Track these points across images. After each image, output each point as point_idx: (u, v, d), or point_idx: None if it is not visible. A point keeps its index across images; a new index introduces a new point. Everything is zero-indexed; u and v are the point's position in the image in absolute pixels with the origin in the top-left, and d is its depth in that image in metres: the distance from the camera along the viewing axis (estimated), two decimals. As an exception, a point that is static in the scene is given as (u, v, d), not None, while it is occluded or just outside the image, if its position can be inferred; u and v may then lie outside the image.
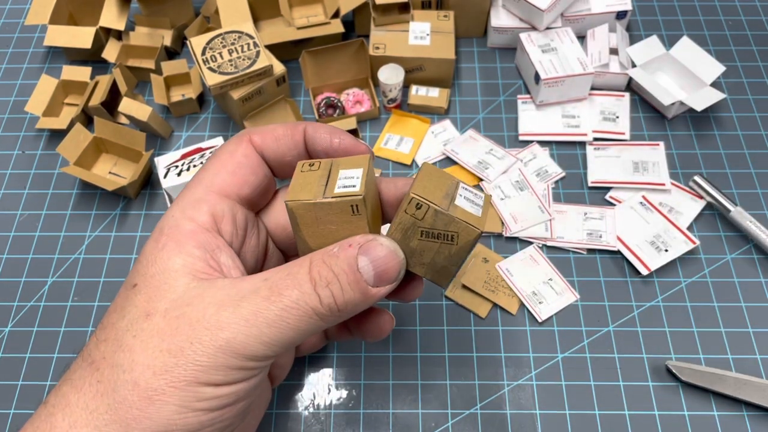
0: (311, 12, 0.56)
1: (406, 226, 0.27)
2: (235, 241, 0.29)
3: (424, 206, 0.26)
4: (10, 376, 0.41)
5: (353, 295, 0.26)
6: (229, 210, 0.29)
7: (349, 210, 0.27)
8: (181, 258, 0.26)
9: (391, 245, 0.27)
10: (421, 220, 0.27)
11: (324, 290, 0.26)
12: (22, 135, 0.52)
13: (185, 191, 0.29)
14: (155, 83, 0.52)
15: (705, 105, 0.48)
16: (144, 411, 0.24)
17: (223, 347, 0.25)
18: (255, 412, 0.35)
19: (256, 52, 0.48)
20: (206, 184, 0.29)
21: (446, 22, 0.53)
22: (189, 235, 0.27)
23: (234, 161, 0.29)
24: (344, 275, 0.26)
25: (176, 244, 0.27)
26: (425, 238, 0.27)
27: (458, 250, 0.27)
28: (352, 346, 0.41)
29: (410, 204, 0.26)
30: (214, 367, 0.25)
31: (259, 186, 0.30)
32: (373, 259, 0.26)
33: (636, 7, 0.58)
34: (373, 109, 0.51)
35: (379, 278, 0.27)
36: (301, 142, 0.30)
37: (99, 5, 0.54)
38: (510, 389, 0.40)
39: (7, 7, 0.61)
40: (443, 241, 0.27)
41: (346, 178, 0.28)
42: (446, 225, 0.27)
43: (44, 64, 0.57)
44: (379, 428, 0.39)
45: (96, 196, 0.49)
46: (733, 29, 0.57)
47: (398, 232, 0.27)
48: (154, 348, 0.25)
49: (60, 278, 0.45)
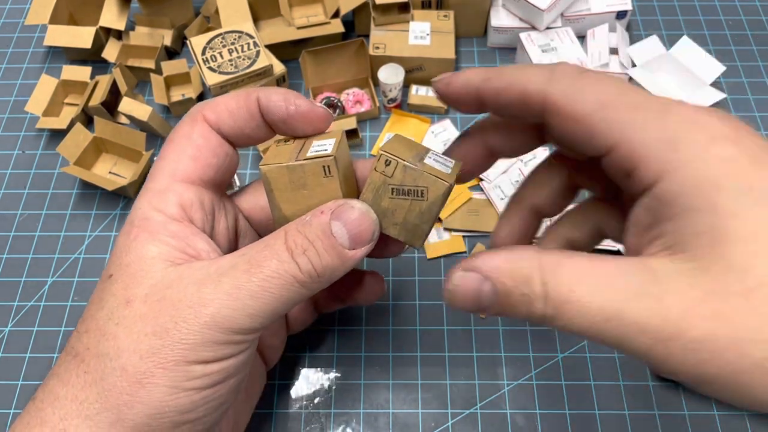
0: (311, 12, 0.56)
1: (377, 185, 0.27)
2: (206, 226, 0.29)
3: (393, 162, 0.27)
4: (10, 376, 0.41)
5: (330, 260, 0.26)
6: (197, 197, 0.29)
7: (321, 171, 0.27)
8: (156, 246, 0.27)
9: (363, 207, 0.27)
10: (391, 177, 0.27)
11: (301, 257, 0.26)
12: (22, 135, 0.52)
13: (149, 181, 0.29)
14: (155, 83, 0.52)
15: (705, 105, 0.48)
16: (135, 395, 0.24)
17: (208, 323, 0.25)
18: (249, 395, 0.35)
19: (256, 51, 0.48)
20: (169, 173, 0.28)
21: (446, 22, 0.53)
22: (160, 226, 0.27)
23: (193, 145, 0.29)
24: (319, 241, 0.26)
25: (149, 234, 0.27)
26: (396, 195, 0.27)
27: (429, 205, 0.27)
28: (352, 346, 0.41)
29: (379, 161, 0.27)
30: (201, 344, 0.25)
31: (222, 166, 0.30)
32: (346, 222, 0.27)
33: (636, 7, 0.58)
34: (373, 108, 0.51)
35: (354, 240, 0.27)
36: (257, 113, 0.29)
37: (99, 5, 0.54)
38: (510, 389, 0.40)
39: (7, 7, 0.61)
40: (414, 197, 0.27)
41: (319, 145, 0.28)
42: (415, 180, 0.27)
43: (44, 64, 0.57)
44: (379, 428, 0.39)
45: (96, 196, 0.49)
46: (733, 29, 0.57)
47: (369, 192, 0.27)
48: (138, 332, 0.25)
49: (60, 278, 0.45)
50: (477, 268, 0.24)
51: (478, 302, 0.24)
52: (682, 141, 0.21)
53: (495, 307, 0.24)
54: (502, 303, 0.24)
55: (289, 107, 0.29)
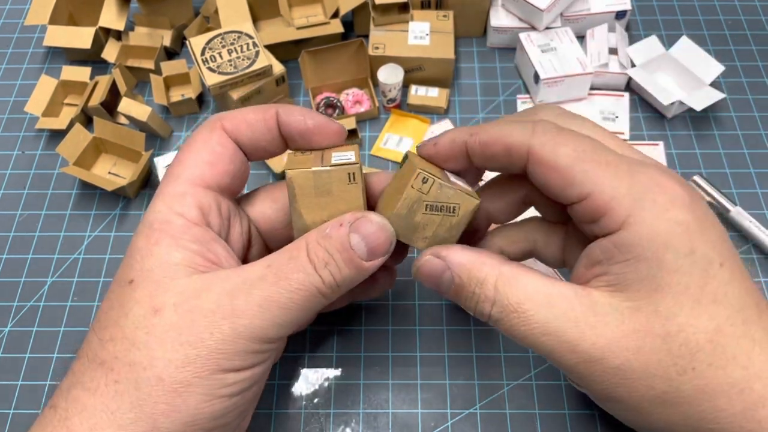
0: (311, 12, 0.56)
1: (413, 200, 0.28)
2: (222, 231, 0.30)
3: (430, 180, 0.28)
4: (10, 376, 0.41)
5: (349, 272, 0.28)
6: (214, 202, 0.29)
7: (346, 178, 0.29)
8: (180, 252, 0.27)
9: (380, 220, 0.28)
10: (426, 194, 0.28)
11: (324, 271, 0.27)
12: (22, 135, 0.52)
13: (166, 185, 0.29)
14: (155, 83, 0.52)
15: (704, 105, 0.48)
16: (172, 404, 0.25)
17: (242, 333, 0.26)
18: None
19: (255, 52, 0.48)
20: (187, 177, 0.29)
21: (446, 22, 0.53)
22: (182, 229, 0.27)
23: (210, 151, 0.29)
24: (338, 254, 0.27)
25: (172, 239, 0.27)
26: (429, 211, 0.29)
27: (458, 220, 0.29)
28: (352, 346, 0.41)
29: (417, 178, 0.28)
30: (234, 353, 0.26)
31: (237, 173, 0.30)
32: (365, 235, 0.28)
33: (635, 7, 0.58)
34: (373, 109, 0.51)
35: (372, 253, 0.28)
36: (274, 126, 0.30)
37: (99, 5, 0.54)
38: (510, 389, 0.40)
39: (6, 8, 0.61)
40: (446, 213, 0.29)
41: (341, 156, 0.29)
42: (449, 198, 0.29)
43: (44, 65, 0.57)
44: (379, 428, 0.39)
45: (96, 196, 0.49)
46: (733, 29, 0.57)
47: (404, 208, 0.28)
48: (173, 341, 0.25)
49: (60, 278, 0.45)
50: (444, 257, 0.28)
51: (437, 285, 0.29)
52: (646, 200, 0.25)
53: (450, 294, 0.29)
54: (456, 292, 0.28)
55: (308, 121, 0.30)
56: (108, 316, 0.27)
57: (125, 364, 0.25)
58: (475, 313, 0.28)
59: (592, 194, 0.26)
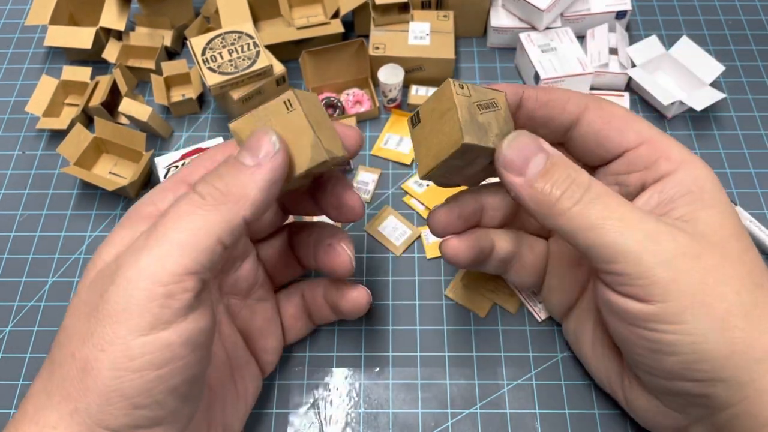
0: (311, 12, 0.56)
1: (466, 104, 0.29)
2: None
3: (464, 85, 0.29)
4: (10, 376, 0.41)
5: (231, 175, 0.26)
6: None
7: (283, 107, 0.27)
8: (124, 231, 0.28)
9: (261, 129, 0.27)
10: (470, 96, 0.29)
11: (202, 185, 0.26)
12: (23, 135, 0.52)
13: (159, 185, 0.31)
14: (155, 83, 0.52)
15: (704, 105, 0.48)
16: (83, 382, 0.24)
17: (124, 283, 0.24)
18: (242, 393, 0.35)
19: (256, 52, 0.48)
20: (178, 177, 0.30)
21: (446, 22, 0.53)
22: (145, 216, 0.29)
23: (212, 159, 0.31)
24: (222, 167, 0.27)
25: (127, 221, 0.29)
26: (482, 110, 0.29)
27: (504, 113, 0.31)
28: (352, 346, 0.41)
29: (455, 85, 0.29)
30: (125, 309, 0.23)
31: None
32: (246, 144, 0.27)
33: (636, 6, 0.58)
34: (373, 109, 0.51)
35: (254, 152, 0.27)
36: None
37: (99, 5, 0.54)
38: (510, 389, 0.40)
39: (7, 8, 0.61)
40: (492, 109, 0.30)
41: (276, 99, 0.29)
42: (485, 94, 0.30)
43: (44, 65, 0.57)
44: (379, 428, 0.39)
45: (96, 196, 0.49)
46: (733, 29, 0.57)
47: (466, 113, 0.29)
48: (79, 316, 0.25)
49: (60, 278, 0.45)
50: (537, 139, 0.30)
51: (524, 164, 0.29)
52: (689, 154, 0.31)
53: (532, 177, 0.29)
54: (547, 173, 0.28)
55: None
56: None
57: (56, 345, 0.26)
58: (555, 202, 0.28)
59: (651, 139, 0.31)
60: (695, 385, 0.27)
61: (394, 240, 0.45)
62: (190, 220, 0.25)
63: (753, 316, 0.26)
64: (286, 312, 0.38)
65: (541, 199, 0.28)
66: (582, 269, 0.36)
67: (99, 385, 0.23)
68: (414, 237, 0.46)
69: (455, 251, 0.33)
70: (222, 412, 0.32)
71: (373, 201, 0.48)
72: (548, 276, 0.38)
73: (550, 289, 0.38)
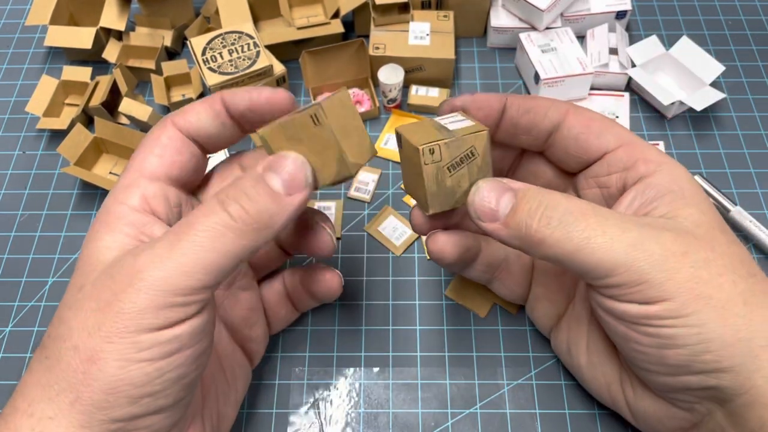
0: (311, 12, 0.56)
1: (434, 174, 0.29)
2: (171, 219, 0.30)
3: (435, 147, 0.28)
4: (10, 376, 0.41)
5: (264, 203, 0.27)
6: (160, 190, 0.30)
7: (309, 121, 0.28)
8: (111, 235, 0.28)
9: (294, 155, 0.28)
10: (441, 160, 0.29)
11: (232, 205, 0.26)
12: (23, 135, 0.53)
13: (118, 180, 0.30)
14: (155, 83, 0.52)
15: (705, 105, 0.48)
16: (87, 373, 0.24)
17: (144, 287, 0.25)
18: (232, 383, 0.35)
19: (256, 52, 0.48)
20: (135, 170, 0.30)
21: (446, 22, 0.53)
22: (119, 216, 0.28)
23: (159, 145, 0.31)
24: (252, 189, 0.27)
25: (106, 226, 0.28)
26: (453, 171, 0.29)
27: (482, 158, 0.30)
28: (352, 346, 0.41)
29: (424, 155, 0.28)
30: (141, 311, 0.24)
31: (187, 164, 0.31)
32: (277, 167, 0.27)
33: (636, 7, 0.58)
34: (373, 109, 0.52)
35: (288, 185, 0.27)
36: (222, 111, 0.31)
37: (99, 5, 0.54)
38: (510, 389, 0.40)
39: (7, 8, 0.61)
40: (468, 161, 0.30)
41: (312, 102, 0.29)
42: (460, 148, 0.29)
43: (45, 65, 0.57)
44: (379, 428, 0.39)
45: (96, 197, 0.49)
46: (733, 29, 0.57)
47: (433, 185, 0.29)
48: (86, 310, 0.25)
49: (61, 278, 0.45)
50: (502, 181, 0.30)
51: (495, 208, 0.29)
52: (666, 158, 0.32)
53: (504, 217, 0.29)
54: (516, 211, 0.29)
55: (252, 94, 0.31)
56: None
57: (52, 339, 0.26)
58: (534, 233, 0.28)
59: (629, 142, 0.32)
60: (702, 378, 0.27)
61: (394, 240, 0.45)
62: (218, 241, 0.26)
63: (752, 304, 0.27)
64: (269, 301, 0.38)
65: (520, 235, 0.28)
66: (569, 276, 0.36)
67: (105, 375, 0.24)
68: (414, 237, 0.46)
69: (441, 247, 0.33)
70: (215, 400, 0.33)
71: (373, 201, 0.48)
72: (534, 285, 0.38)
73: (536, 298, 0.38)
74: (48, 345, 0.26)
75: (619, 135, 0.32)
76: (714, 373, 0.27)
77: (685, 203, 0.29)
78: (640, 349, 0.29)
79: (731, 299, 0.27)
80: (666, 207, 0.29)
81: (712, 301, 0.27)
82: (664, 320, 0.27)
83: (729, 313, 0.26)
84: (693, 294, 0.27)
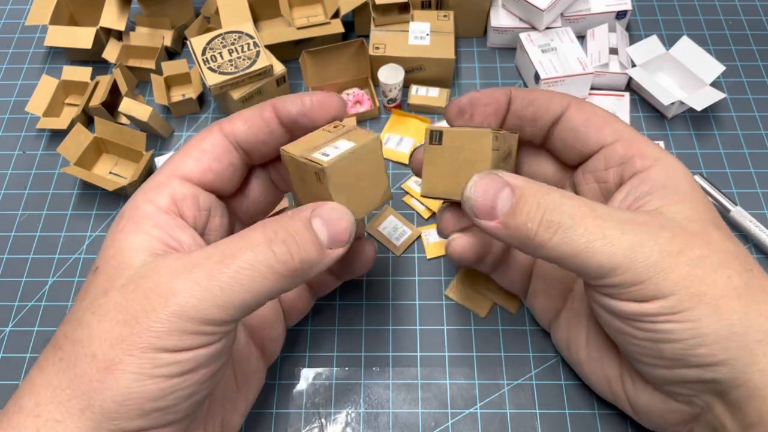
0: (311, 12, 0.56)
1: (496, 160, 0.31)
2: (198, 223, 0.30)
3: (499, 136, 0.31)
4: (10, 376, 0.41)
5: (310, 253, 0.27)
6: (191, 193, 0.29)
7: (314, 176, 0.28)
8: (138, 237, 0.27)
9: (342, 208, 0.28)
10: (498, 150, 0.31)
11: (280, 246, 0.26)
12: (23, 135, 0.53)
13: (150, 178, 0.30)
14: (155, 83, 0.52)
15: (705, 105, 0.48)
16: (103, 382, 0.24)
17: (176, 312, 0.25)
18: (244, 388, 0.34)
19: (256, 52, 0.48)
20: (169, 169, 0.30)
21: (446, 22, 0.53)
22: (147, 216, 0.28)
23: (199, 148, 0.30)
24: (300, 234, 0.27)
25: (134, 225, 0.28)
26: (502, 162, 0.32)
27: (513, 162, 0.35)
28: (353, 346, 0.41)
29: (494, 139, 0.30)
30: (168, 332, 0.25)
31: (223, 173, 0.31)
32: (327, 220, 0.28)
33: (636, 7, 0.58)
34: (373, 109, 0.51)
35: (333, 239, 0.28)
36: (272, 119, 0.31)
37: (99, 5, 0.54)
38: (510, 389, 0.40)
39: (7, 8, 0.61)
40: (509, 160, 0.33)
41: (336, 146, 0.29)
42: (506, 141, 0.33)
43: (45, 65, 0.57)
44: (379, 428, 0.39)
45: (96, 196, 0.49)
46: (733, 29, 0.57)
47: None
48: (111, 320, 0.25)
49: (60, 278, 0.45)
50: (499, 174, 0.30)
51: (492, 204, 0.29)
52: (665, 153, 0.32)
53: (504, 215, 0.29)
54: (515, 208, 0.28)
55: (304, 98, 0.31)
56: (74, 302, 0.27)
57: (70, 342, 0.26)
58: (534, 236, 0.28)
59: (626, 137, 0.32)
60: (699, 371, 0.28)
61: (394, 240, 0.45)
62: (258, 282, 0.26)
63: (748, 299, 0.27)
64: (285, 296, 0.38)
65: (519, 236, 0.29)
66: (567, 272, 0.36)
67: (120, 386, 0.24)
68: (414, 237, 0.46)
69: (462, 249, 0.34)
70: (221, 406, 0.33)
71: (373, 201, 0.48)
72: (534, 279, 0.38)
73: (535, 292, 0.38)
74: (64, 346, 0.26)
75: (618, 130, 0.32)
76: (710, 366, 0.27)
77: (678, 198, 0.29)
78: (636, 343, 0.29)
79: (725, 295, 0.27)
80: (658, 201, 0.30)
81: (706, 297, 0.27)
82: (660, 317, 0.27)
83: (723, 309, 0.27)
84: (688, 292, 0.27)
